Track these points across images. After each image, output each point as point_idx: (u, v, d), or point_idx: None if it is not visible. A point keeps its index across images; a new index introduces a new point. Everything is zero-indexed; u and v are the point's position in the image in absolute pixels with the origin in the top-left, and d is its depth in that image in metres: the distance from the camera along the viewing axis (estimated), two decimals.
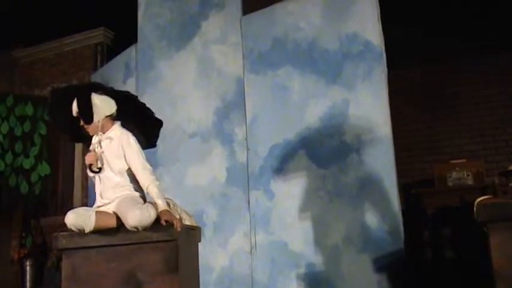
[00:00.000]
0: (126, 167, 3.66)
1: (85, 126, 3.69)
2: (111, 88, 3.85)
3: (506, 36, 7.18)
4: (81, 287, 3.52)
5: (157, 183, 3.61)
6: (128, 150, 3.64)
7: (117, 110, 3.75)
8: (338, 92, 5.05)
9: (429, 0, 6.84)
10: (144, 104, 3.92)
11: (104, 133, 3.71)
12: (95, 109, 3.66)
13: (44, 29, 8.09)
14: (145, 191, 3.64)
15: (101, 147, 3.68)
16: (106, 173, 3.67)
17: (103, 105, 3.68)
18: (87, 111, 3.65)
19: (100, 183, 3.68)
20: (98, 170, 3.66)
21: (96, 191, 3.71)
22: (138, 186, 3.68)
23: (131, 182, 3.68)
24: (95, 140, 3.74)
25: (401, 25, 6.65)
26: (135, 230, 3.40)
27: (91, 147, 3.74)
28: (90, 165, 3.66)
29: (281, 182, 5.21)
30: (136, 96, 3.98)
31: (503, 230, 3.19)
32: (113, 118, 3.75)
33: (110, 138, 3.69)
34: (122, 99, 3.79)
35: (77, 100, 3.65)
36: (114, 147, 3.66)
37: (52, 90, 3.87)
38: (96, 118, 3.67)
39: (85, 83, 3.98)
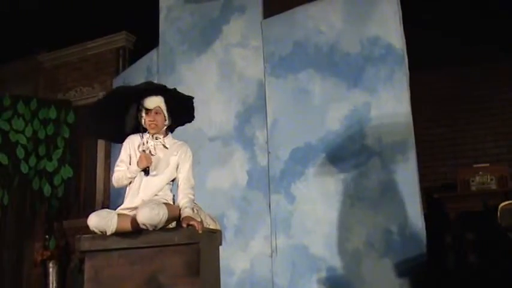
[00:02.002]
0: (175, 176, 3.78)
1: (156, 122, 3.76)
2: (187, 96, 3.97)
3: None
4: None
5: (192, 197, 3.72)
6: (184, 162, 3.79)
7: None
8: (359, 96, 5.04)
9: (453, 3, 6.78)
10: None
11: (162, 137, 3.82)
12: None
13: (68, 34, 8.17)
14: (178, 200, 3.71)
15: (159, 152, 3.78)
16: (158, 178, 3.73)
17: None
18: (174, 112, 3.83)
19: (143, 185, 3.70)
20: (148, 172, 3.72)
21: (133, 191, 3.73)
22: (173, 196, 3.79)
23: (169, 190, 3.79)
24: (145, 141, 3.79)
25: (425, 28, 6.61)
26: (144, 227, 3.42)
27: (145, 149, 3.77)
28: (148, 167, 3.71)
29: (302, 185, 5.21)
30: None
31: None
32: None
33: (170, 146, 3.81)
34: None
35: (168, 98, 3.79)
36: (174, 156, 3.78)
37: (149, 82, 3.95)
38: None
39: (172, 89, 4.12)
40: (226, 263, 5.02)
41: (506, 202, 3.80)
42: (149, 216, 3.38)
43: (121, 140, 3.94)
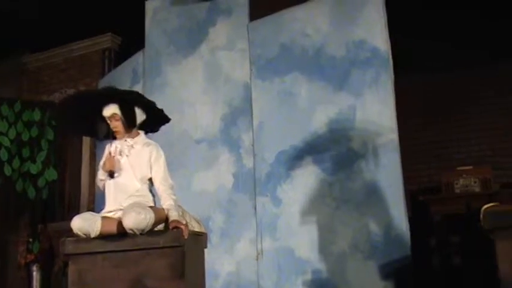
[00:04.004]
0: (148, 177, 3.75)
1: (118, 128, 3.76)
2: (147, 101, 3.92)
3: None
4: None
5: (174, 197, 3.70)
6: (157, 163, 3.76)
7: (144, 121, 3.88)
8: (345, 99, 5.06)
9: (439, 9, 6.83)
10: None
11: (131, 139, 3.80)
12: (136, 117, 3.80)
13: (52, 35, 8.12)
14: (161, 203, 3.69)
15: (127, 152, 3.76)
16: (127, 178, 3.71)
17: (139, 115, 3.82)
18: (132, 117, 3.77)
19: (115, 188, 3.70)
20: (113, 175, 3.71)
21: (108, 194, 3.73)
22: (153, 197, 3.78)
23: (148, 191, 3.76)
24: (117, 144, 3.80)
25: (411, 32, 6.64)
26: (131, 232, 3.41)
27: (111, 152, 3.79)
28: (111, 170, 3.72)
29: (288, 188, 5.21)
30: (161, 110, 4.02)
31: (510, 238, 3.17)
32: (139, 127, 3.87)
33: (139, 146, 3.79)
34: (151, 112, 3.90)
35: (123, 104, 3.74)
36: (142, 156, 3.76)
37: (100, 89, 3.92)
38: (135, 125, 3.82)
39: (129, 90, 4.13)
40: (212, 266, 5.02)
41: (489, 204, 3.82)
42: (136, 221, 3.37)
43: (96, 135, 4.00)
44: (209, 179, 5.69)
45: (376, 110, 4.90)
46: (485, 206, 3.67)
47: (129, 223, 3.38)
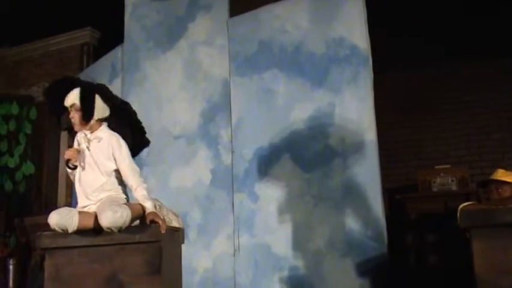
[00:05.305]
0: (113, 168, 3.65)
1: (75, 119, 3.65)
2: (112, 95, 3.80)
3: (490, 44, 7.24)
4: (64, 287, 3.50)
5: (145, 185, 3.62)
6: (118, 152, 3.63)
7: (109, 117, 3.74)
8: (324, 96, 5.07)
9: (415, 7, 6.87)
10: (135, 116, 3.89)
11: (91, 133, 3.69)
12: (95, 109, 3.65)
13: (30, 29, 8.04)
14: (133, 193, 3.62)
15: (87, 146, 3.67)
16: (92, 173, 3.64)
17: (100, 108, 3.68)
18: (90, 109, 3.63)
19: (83, 182, 3.65)
20: (73, 167, 3.64)
21: (77, 190, 3.69)
22: (123, 188, 3.69)
23: (117, 184, 3.67)
24: (79, 137, 3.72)
25: (388, 31, 6.67)
26: (109, 230, 3.38)
27: (74, 145, 3.73)
28: (68, 160, 3.64)
29: (265, 185, 5.21)
30: (134, 111, 3.92)
31: (486, 236, 3.22)
32: (101, 121, 3.74)
33: (99, 138, 3.67)
34: (117, 109, 3.77)
35: (82, 95, 3.61)
36: (103, 148, 3.65)
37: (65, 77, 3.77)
38: (93, 118, 3.67)
39: (93, 82, 3.99)
40: (189, 261, 5.01)
41: (466, 203, 3.88)
42: (113, 220, 3.34)
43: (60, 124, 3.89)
44: (187, 175, 5.68)
45: (354, 107, 4.92)
46: (462, 205, 3.72)
47: (106, 222, 3.34)
